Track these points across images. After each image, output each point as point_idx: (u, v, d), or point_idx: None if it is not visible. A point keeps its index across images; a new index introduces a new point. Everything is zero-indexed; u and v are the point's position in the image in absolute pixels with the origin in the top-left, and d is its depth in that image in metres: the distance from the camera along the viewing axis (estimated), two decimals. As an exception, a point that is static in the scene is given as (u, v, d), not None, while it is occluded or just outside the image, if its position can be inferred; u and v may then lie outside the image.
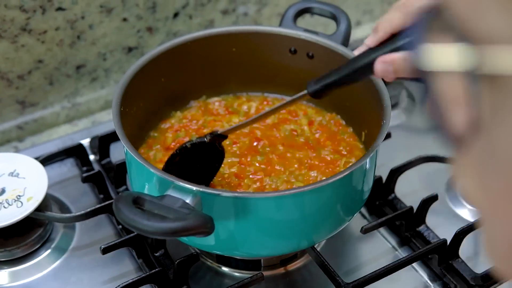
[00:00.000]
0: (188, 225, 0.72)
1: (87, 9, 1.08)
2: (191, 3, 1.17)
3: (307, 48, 1.02)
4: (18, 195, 0.94)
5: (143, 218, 0.71)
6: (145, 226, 0.71)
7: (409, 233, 0.97)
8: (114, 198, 0.75)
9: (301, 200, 0.80)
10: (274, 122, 1.01)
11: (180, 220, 0.72)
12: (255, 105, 1.06)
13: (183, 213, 0.74)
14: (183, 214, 0.74)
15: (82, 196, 1.04)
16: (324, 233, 0.86)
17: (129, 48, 1.17)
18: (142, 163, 0.80)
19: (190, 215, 0.73)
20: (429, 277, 0.94)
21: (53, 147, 1.10)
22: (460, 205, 1.03)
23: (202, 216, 0.73)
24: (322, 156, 0.94)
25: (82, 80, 1.15)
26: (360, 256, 0.97)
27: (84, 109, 1.18)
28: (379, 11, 1.43)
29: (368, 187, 0.89)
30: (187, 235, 0.72)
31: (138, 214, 0.72)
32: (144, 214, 0.72)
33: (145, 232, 0.72)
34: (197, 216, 0.73)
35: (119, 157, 1.09)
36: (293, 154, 0.94)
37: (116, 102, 0.89)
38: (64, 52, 1.10)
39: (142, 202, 0.75)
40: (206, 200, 0.77)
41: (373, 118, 0.94)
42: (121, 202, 0.74)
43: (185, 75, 1.03)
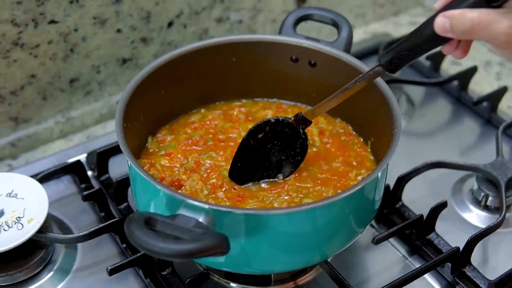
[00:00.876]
0: (204, 246, 0.69)
1: (80, 21, 1.05)
2: (185, 12, 1.15)
3: (309, 56, 1.00)
4: (18, 217, 0.91)
5: (158, 241, 0.69)
6: (161, 249, 0.68)
7: (420, 242, 0.96)
8: (126, 220, 0.72)
9: (315, 215, 0.78)
10: None
11: (196, 241, 0.69)
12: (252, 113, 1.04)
13: (198, 233, 0.71)
14: (198, 234, 0.71)
15: (82, 214, 1.01)
16: (337, 246, 0.85)
17: (123, 60, 1.14)
18: (153, 182, 0.78)
19: (206, 235, 0.71)
20: (442, 286, 0.93)
21: (48, 164, 1.07)
22: (467, 210, 1.02)
23: (218, 235, 0.71)
24: (333, 167, 0.92)
25: (75, 94, 1.12)
26: (370, 267, 0.95)
27: (78, 124, 1.15)
28: (372, 15, 1.41)
29: (379, 197, 0.88)
30: (204, 256, 0.69)
31: (152, 236, 0.70)
32: (159, 236, 0.70)
33: (161, 255, 0.69)
34: (213, 236, 0.71)
35: (117, 173, 1.06)
36: (306, 167, 0.92)
37: (119, 119, 0.86)
38: (57, 66, 1.07)
39: (154, 223, 0.73)
40: (219, 218, 0.75)
41: (380, 126, 0.92)
42: (133, 225, 0.71)
43: (184, 87, 1.00)
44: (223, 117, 1.01)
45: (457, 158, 1.11)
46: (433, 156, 1.04)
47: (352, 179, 0.92)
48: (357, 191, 0.78)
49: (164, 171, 0.93)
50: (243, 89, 1.04)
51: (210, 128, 1.00)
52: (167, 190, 0.77)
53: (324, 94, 1.02)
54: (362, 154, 0.96)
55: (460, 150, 1.14)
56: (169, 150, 0.96)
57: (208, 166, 0.93)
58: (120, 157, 1.07)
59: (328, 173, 0.93)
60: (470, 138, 1.17)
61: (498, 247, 0.97)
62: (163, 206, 0.79)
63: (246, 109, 1.03)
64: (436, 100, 1.23)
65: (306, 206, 0.77)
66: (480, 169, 1.01)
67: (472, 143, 1.16)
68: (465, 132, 1.17)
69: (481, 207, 1.02)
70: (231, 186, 0.90)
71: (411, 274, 0.88)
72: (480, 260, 0.96)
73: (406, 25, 1.42)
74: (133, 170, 0.84)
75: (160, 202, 0.80)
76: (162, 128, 1.00)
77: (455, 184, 1.06)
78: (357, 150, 0.97)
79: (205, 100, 1.04)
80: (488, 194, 1.00)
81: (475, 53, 1.34)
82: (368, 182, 0.79)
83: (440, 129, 1.18)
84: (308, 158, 0.94)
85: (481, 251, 0.97)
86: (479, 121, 1.18)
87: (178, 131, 1.00)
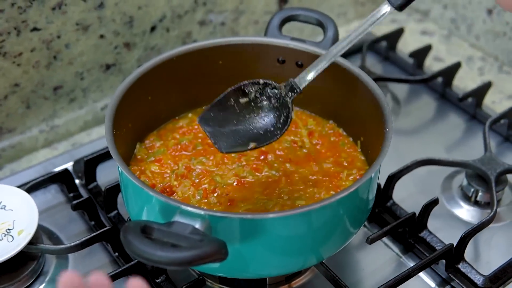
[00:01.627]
0: (203, 253, 0.69)
1: (63, 27, 1.03)
2: (168, 16, 1.14)
3: (296, 57, 0.99)
4: (7, 229, 0.89)
5: (156, 249, 0.68)
6: (160, 258, 0.68)
7: (412, 239, 0.96)
8: (122, 230, 0.71)
9: (311, 217, 0.78)
10: None
11: (195, 249, 0.69)
12: None
13: (196, 240, 0.71)
14: (196, 241, 0.70)
15: (71, 224, 1.00)
16: (333, 247, 0.84)
17: (107, 66, 1.12)
18: (146, 189, 0.77)
19: (204, 242, 0.70)
20: (436, 282, 0.93)
21: (34, 173, 1.06)
22: (457, 206, 1.03)
23: (216, 241, 0.70)
24: (324, 168, 0.92)
25: (59, 101, 1.10)
26: (365, 266, 0.95)
27: (63, 132, 1.14)
28: (353, 14, 1.41)
29: (373, 197, 0.88)
30: (203, 263, 0.69)
31: (150, 245, 0.69)
32: (156, 245, 0.69)
33: (159, 263, 0.68)
34: (211, 243, 0.70)
35: (105, 180, 1.05)
36: (296, 169, 0.91)
37: (108, 126, 0.85)
38: (41, 73, 1.05)
39: (150, 231, 0.72)
40: (215, 223, 0.74)
41: (370, 126, 0.92)
42: (130, 234, 0.70)
43: (171, 91, 0.99)
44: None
45: (444, 154, 1.11)
46: (420, 153, 1.04)
47: (344, 180, 0.92)
48: (352, 191, 0.78)
49: (154, 177, 0.92)
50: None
51: (199, 133, 0.99)
52: (162, 197, 0.77)
53: (311, 94, 1.02)
54: (352, 154, 0.96)
55: (447, 146, 1.15)
56: (159, 156, 0.95)
57: (199, 172, 0.92)
58: (107, 165, 1.05)
59: (319, 174, 0.92)
60: (456, 134, 1.17)
61: (490, 242, 0.98)
62: (157, 213, 0.78)
63: None
64: (420, 97, 1.24)
65: (303, 208, 0.76)
66: (469, 165, 1.01)
67: (458, 139, 1.17)
68: (451, 128, 1.18)
69: (471, 202, 1.02)
70: (223, 191, 0.89)
71: (406, 273, 0.88)
72: (472, 256, 0.96)
73: (387, 23, 1.43)
74: (124, 177, 0.83)
75: (154, 209, 0.79)
76: (150, 134, 0.99)
77: (444, 180, 1.06)
78: (347, 150, 0.96)
79: (192, 104, 1.03)
80: (478, 189, 1.01)
81: (456, 49, 1.35)
82: (363, 183, 0.79)
83: (426, 126, 1.19)
84: (299, 160, 0.94)
85: (473, 247, 0.97)
86: (465, 117, 1.19)
87: (167, 137, 0.99)
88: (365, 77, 0.93)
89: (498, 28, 1.29)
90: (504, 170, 1.00)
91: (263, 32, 1.28)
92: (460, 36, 1.37)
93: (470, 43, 1.36)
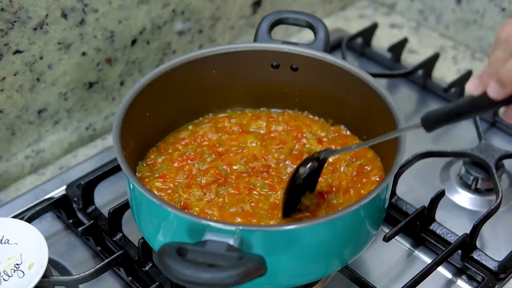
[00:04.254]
0: (247, 271, 0.67)
1: (45, 48, 0.99)
2: (147, 28, 1.11)
3: (291, 61, 0.99)
4: (16, 264, 0.85)
5: (199, 271, 0.66)
6: (206, 280, 0.66)
7: (424, 233, 0.96)
8: (157, 254, 0.68)
9: (341, 224, 0.77)
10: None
11: (237, 267, 0.67)
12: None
13: (234, 258, 0.69)
14: (234, 259, 0.69)
15: (74, 251, 0.96)
16: (357, 251, 0.84)
17: (90, 84, 1.08)
18: (174, 211, 0.75)
19: (243, 259, 0.68)
20: (452, 273, 0.94)
21: (25, 202, 1.02)
22: (459, 195, 1.04)
23: (255, 257, 0.69)
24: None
25: (44, 124, 1.06)
26: (380, 264, 0.95)
27: (48, 156, 1.09)
28: (322, 12, 1.41)
29: (388, 197, 0.88)
30: (247, 281, 0.67)
31: (192, 267, 0.67)
32: (198, 267, 0.67)
33: (205, 285, 0.66)
34: (251, 259, 0.68)
35: (101, 203, 1.02)
36: None
37: (118, 146, 0.82)
38: (25, 97, 1.01)
39: (184, 252, 0.70)
40: (248, 237, 0.73)
41: (373, 123, 0.93)
42: (167, 258, 0.68)
43: (168, 105, 0.97)
44: (214, 130, 0.99)
45: (431, 146, 1.12)
46: (408, 147, 1.04)
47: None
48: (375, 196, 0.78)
49: (160, 194, 0.89)
50: (225, 101, 1.02)
51: (203, 141, 0.97)
52: (190, 216, 0.74)
53: (307, 97, 1.02)
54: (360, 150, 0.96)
55: (433, 137, 1.16)
56: (163, 172, 0.92)
57: (203, 169, 0.92)
58: (102, 187, 1.02)
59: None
60: (441, 124, 1.19)
61: (496, 227, 0.99)
62: (184, 233, 0.76)
63: (236, 120, 1.01)
64: (401, 90, 1.25)
65: (336, 215, 0.75)
66: (468, 154, 1.03)
67: (443, 129, 1.18)
68: (436, 118, 1.19)
69: (471, 190, 1.04)
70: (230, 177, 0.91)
71: (430, 266, 0.88)
72: (482, 243, 0.97)
73: (355, 18, 1.43)
74: (144, 198, 0.80)
75: (180, 229, 0.76)
76: (150, 151, 0.96)
77: (441, 171, 1.07)
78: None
79: (190, 116, 1.01)
80: (477, 177, 1.02)
81: (427, 40, 1.37)
82: (384, 187, 0.79)
83: (410, 118, 1.20)
84: None
85: (481, 234, 0.99)
86: (448, 106, 1.20)
87: (167, 151, 0.96)
88: (365, 75, 0.93)
89: (468, 16, 1.31)
90: (502, 156, 1.02)
91: (239, 37, 1.27)
92: (428, 27, 1.39)
93: (440, 33, 1.38)
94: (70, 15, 1.00)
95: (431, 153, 1.03)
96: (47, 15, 0.97)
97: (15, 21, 0.94)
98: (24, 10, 0.94)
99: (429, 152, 1.03)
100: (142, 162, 0.94)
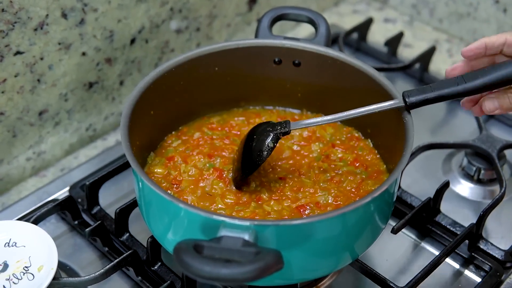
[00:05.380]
0: (266, 265, 0.67)
1: (46, 48, 0.98)
2: (146, 27, 1.10)
3: (293, 56, 0.99)
4: (25, 267, 0.84)
5: (218, 267, 0.66)
6: (226, 276, 0.65)
7: (430, 224, 0.97)
8: (174, 252, 0.68)
9: (353, 217, 0.78)
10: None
11: (256, 262, 0.66)
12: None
13: (251, 253, 0.69)
14: (251, 254, 0.69)
15: (80, 252, 0.95)
16: (367, 244, 0.84)
17: (90, 84, 1.08)
18: (189, 208, 0.75)
19: (261, 254, 0.68)
20: (460, 263, 0.94)
21: (29, 204, 1.01)
22: (461, 186, 1.05)
23: (272, 251, 0.69)
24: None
25: (45, 126, 1.05)
26: (388, 257, 0.95)
27: (50, 157, 1.08)
28: (315, 8, 1.42)
29: (396, 191, 0.88)
30: (266, 275, 0.67)
31: (211, 263, 0.66)
32: (217, 263, 0.67)
33: (225, 281, 0.66)
34: (268, 254, 0.68)
35: (105, 203, 1.01)
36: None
37: (127, 145, 0.82)
38: (25, 99, 1.00)
39: (200, 249, 0.70)
40: (262, 232, 0.73)
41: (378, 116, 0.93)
42: (185, 255, 0.67)
43: (171, 103, 0.96)
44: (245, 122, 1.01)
45: (430, 138, 1.13)
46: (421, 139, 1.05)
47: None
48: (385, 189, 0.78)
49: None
50: (229, 98, 1.02)
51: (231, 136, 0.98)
52: (205, 212, 0.74)
53: (310, 93, 1.02)
54: (355, 136, 0.97)
55: (432, 129, 1.17)
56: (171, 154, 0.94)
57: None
58: (105, 187, 1.01)
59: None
60: (439, 116, 1.19)
61: (500, 217, 1.00)
62: (197, 230, 0.75)
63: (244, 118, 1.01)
64: (399, 84, 1.25)
65: (348, 208, 0.75)
66: (470, 145, 1.04)
67: (441, 120, 1.19)
68: (435, 111, 1.20)
69: (474, 181, 1.04)
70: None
71: (435, 260, 0.89)
72: (487, 233, 0.98)
73: (349, 14, 1.44)
74: (157, 196, 0.79)
75: (193, 225, 0.76)
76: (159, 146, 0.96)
77: (443, 163, 1.08)
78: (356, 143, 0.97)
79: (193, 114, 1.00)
80: (480, 167, 1.03)
81: (421, 33, 1.38)
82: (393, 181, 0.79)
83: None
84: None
85: (485, 224, 0.99)
86: (446, 99, 1.21)
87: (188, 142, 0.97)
88: (369, 69, 0.94)
89: (462, 9, 1.32)
90: (503, 146, 1.03)
91: (235, 35, 1.27)
92: (422, 21, 1.40)
93: (434, 27, 1.39)
94: (70, 15, 0.99)
95: (433, 145, 1.04)
96: (47, 15, 0.96)
97: (16, 22, 0.93)
98: (24, 10, 0.93)
99: (432, 144, 1.04)
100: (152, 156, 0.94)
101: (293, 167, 0.93)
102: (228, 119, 1.02)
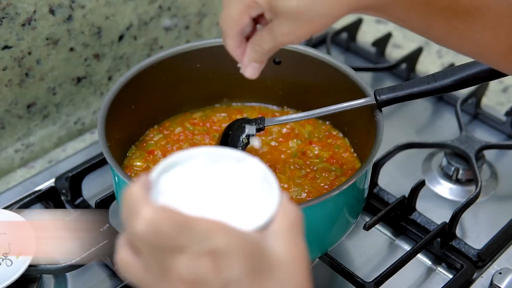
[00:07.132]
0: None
1: (34, 43, 1.01)
2: (135, 24, 1.13)
3: (274, 55, 1.00)
4: (4, 253, 0.87)
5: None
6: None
7: (404, 222, 0.98)
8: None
9: (320, 210, 0.79)
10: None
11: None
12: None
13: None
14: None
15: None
16: (336, 238, 0.86)
17: (78, 79, 1.11)
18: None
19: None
20: (432, 260, 0.96)
21: (15, 194, 1.04)
22: (440, 185, 1.06)
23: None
24: None
25: (33, 119, 1.08)
26: (361, 253, 0.97)
27: (38, 149, 1.11)
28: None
29: (367, 187, 0.90)
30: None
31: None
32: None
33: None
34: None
35: (89, 195, 1.04)
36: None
37: (103, 139, 0.85)
38: (14, 92, 1.03)
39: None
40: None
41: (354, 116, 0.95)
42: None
43: (152, 98, 0.99)
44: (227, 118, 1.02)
45: (415, 137, 1.15)
46: (393, 138, 1.06)
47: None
48: (352, 184, 0.80)
49: None
50: (211, 95, 1.04)
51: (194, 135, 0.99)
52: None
53: (290, 90, 1.04)
54: (333, 134, 0.99)
55: (417, 129, 1.18)
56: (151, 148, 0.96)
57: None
58: (88, 178, 1.04)
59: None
60: (424, 116, 1.21)
61: (476, 217, 1.01)
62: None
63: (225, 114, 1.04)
64: (385, 84, 1.27)
65: (313, 201, 0.77)
66: (448, 145, 1.05)
67: (427, 121, 1.21)
68: (420, 111, 1.21)
69: (452, 181, 1.06)
70: None
71: (405, 256, 0.90)
72: (463, 232, 0.99)
73: (342, 14, 1.45)
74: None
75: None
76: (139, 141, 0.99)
77: (423, 162, 1.10)
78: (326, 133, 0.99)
79: (176, 110, 1.03)
80: (458, 168, 1.05)
81: (412, 35, 1.38)
82: (361, 174, 0.81)
83: (395, 111, 1.22)
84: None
85: (460, 224, 1.01)
86: (432, 99, 1.23)
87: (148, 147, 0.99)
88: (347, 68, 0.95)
89: (452, 11, 1.33)
90: (482, 147, 1.04)
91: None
92: (413, 22, 1.41)
93: (425, 28, 1.40)
94: (58, 11, 1.02)
95: (412, 144, 1.05)
96: (35, 11, 0.99)
97: (4, 17, 0.96)
98: (12, 6, 0.96)
99: (410, 143, 1.05)
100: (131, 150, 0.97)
101: (270, 162, 0.95)
102: (210, 115, 1.04)
